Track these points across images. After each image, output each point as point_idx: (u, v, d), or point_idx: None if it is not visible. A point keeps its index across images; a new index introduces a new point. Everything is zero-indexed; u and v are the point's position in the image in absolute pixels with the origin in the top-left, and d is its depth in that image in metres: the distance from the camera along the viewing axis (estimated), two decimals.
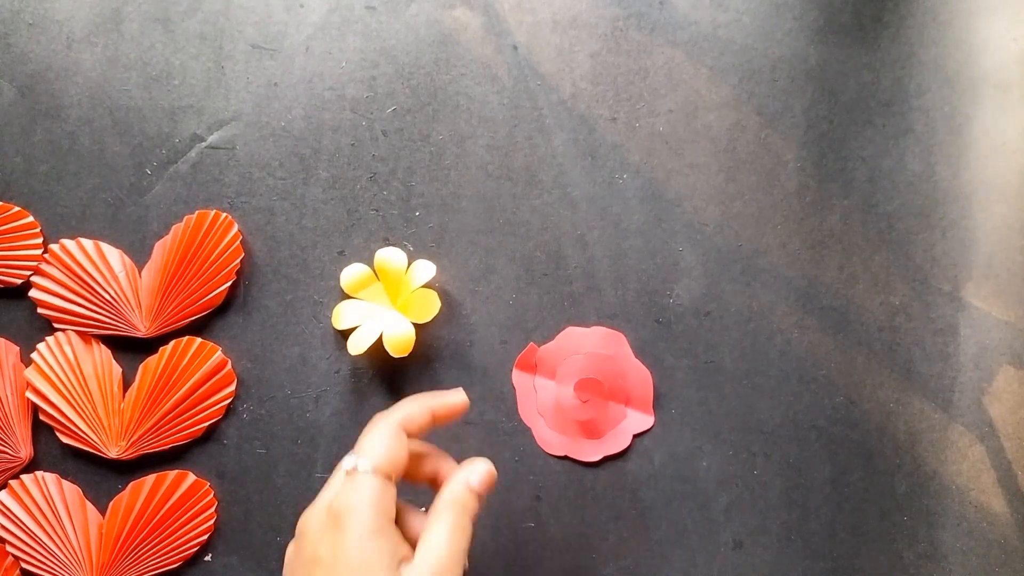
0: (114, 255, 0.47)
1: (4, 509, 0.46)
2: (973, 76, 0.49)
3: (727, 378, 0.48)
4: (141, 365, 0.47)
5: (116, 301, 0.47)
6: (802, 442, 0.47)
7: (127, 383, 0.47)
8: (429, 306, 0.46)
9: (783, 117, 0.49)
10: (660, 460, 0.48)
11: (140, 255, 0.48)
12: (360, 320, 0.47)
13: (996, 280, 0.48)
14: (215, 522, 0.47)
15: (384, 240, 0.48)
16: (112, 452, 0.46)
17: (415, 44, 0.49)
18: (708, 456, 0.47)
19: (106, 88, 0.49)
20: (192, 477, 0.47)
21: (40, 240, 0.48)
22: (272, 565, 0.47)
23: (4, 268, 0.47)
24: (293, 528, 0.35)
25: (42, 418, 0.47)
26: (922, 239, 0.48)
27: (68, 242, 0.47)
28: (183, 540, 0.47)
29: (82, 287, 0.47)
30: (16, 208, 0.48)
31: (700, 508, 0.47)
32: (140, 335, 0.47)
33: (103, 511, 0.46)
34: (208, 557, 0.48)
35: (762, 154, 0.49)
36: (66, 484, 0.47)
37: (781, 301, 0.48)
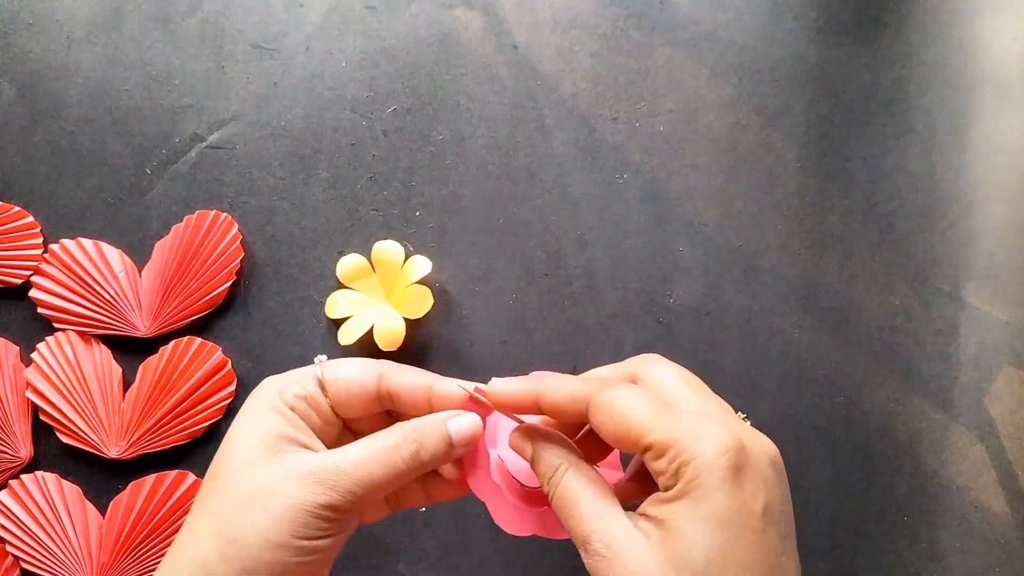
0: (114, 255, 0.47)
1: (4, 509, 0.46)
2: (973, 76, 0.49)
3: (727, 378, 0.48)
4: (141, 365, 0.47)
5: (116, 301, 0.47)
6: (802, 442, 0.47)
7: (127, 383, 0.47)
8: (422, 302, 0.46)
9: (783, 117, 0.49)
10: None
11: (140, 255, 0.48)
12: (352, 310, 0.47)
13: (996, 280, 0.48)
14: None
15: (384, 240, 0.48)
16: (112, 452, 0.46)
17: (415, 44, 0.49)
18: None
19: (106, 88, 0.49)
20: (192, 477, 0.47)
21: (40, 240, 0.48)
22: None
23: (4, 268, 0.47)
24: None
25: (42, 418, 0.47)
26: (922, 239, 0.48)
27: (68, 242, 0.47)
28: None
29: (82, 287, 0.47)
30: (16, 208, 0.48)
31: None
32: (140, 335, 0.47)
33: (103, 511, 0.46)
34: None
35: (762, 154, 0.49)
36: (66, 484, 0.47)
37: (781, 301, 0.48)
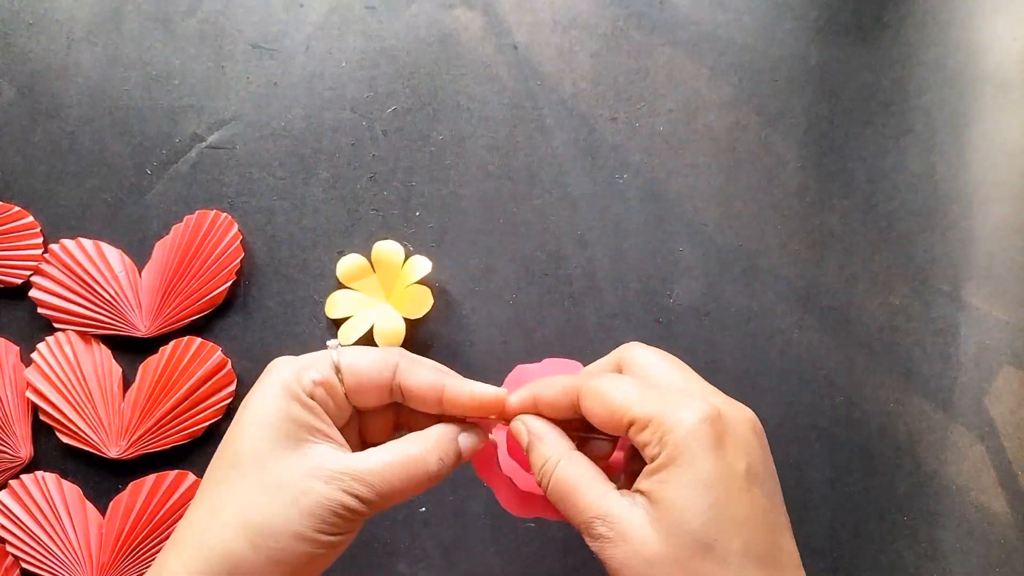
0: (114, 255, 0.47)
1: (4, 509, 0.46)
2: (973, 76, 0.49)
3: (727, 378, 0.47)
4: (141, 365, 0.47)
5: (116, 301, 0.47)
6: (802, 442, 0.47)
7: (127, 383, 0.47)
8: (422, 302, 0.46)
9: (783, 117, 0.49)
10: None
11: (140, 255, 0.48)
12: (352, 311, 0.47)
13: (996, 280, 0.48)
14: None
15: (384, 240, 0.48)
16: (112, 452, 0.46)
17: (415, 44, 0.49)
18: None
19: (106, 88, 0.49)
20: (192, 477, 0.47)
21: (40, 240, 0.48)
22: None
23: (4, 268, 0.47)
24: None
25: (42, 418, 0.47)
26: (922, 239, 0.48)
27: (68, 242, 0.47)
28: None
29: (82, 287, 0.47)
30: (16, 208, 0.48)
31: None
32: (140, 335, 0.47)
33: (103, 511, 0.46)
34: None
35: (762, 154, 0.49)
36: (66, 484, 0.47)
37: (781, 301, 0.48)
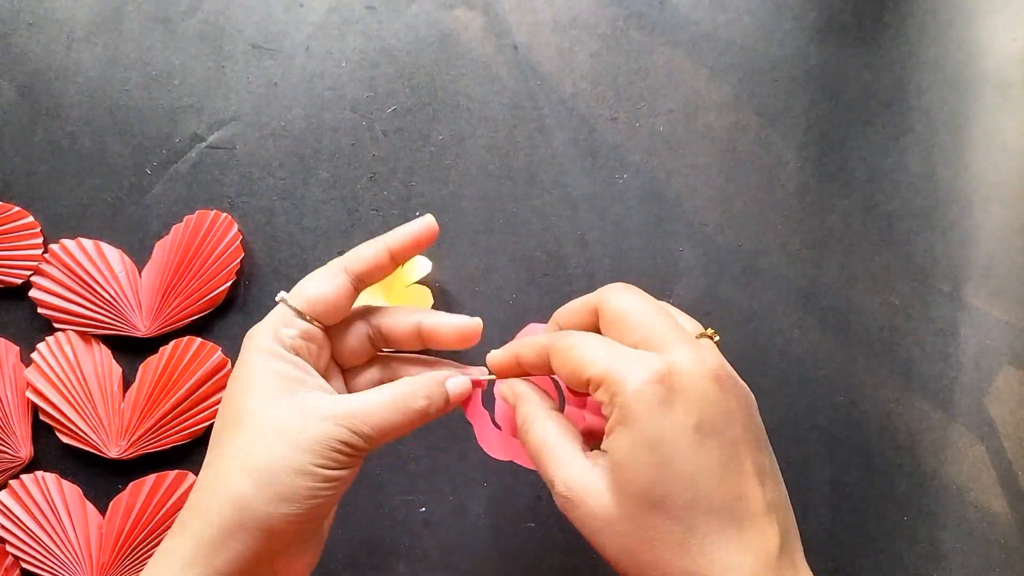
0: (114, 255, 0.47)
1: (4, 509, 0.46)
2: (973, 76, 0.49)
3: None
4: (141, 365, 0.47)
5: (116, 301, 0.47)
6: (802, 442, 0.47)
7: (127, 383, 0.47)
8: (422, 302, 0.46)
9: (783, 117, 0.49)
10: None
11: (140, 255, 0.48)
12: None
13: (996, 280, 0.48)
14: None
15: None
16: (112, 452, 0.46)
17: (415, 44, 0.49)
18: None
19: (106, 88, 0.49)
20: (192, 477, 0.47)
21: (40, 240, 0.48)
22: None
23: (4, 268, 0.47)
24: None
25: (42, 418, 0.47)
26: (922, 239, 0.48)
27: (68, 242, 0.47)
28: None
29: (82, 287, 0.47)
30: (16, 208, 0.48)
31: None
32: (140, 335, 0.47)
33: (103, 511, 0.46)
34: None
35: (762, 154, 0.49)
36: (66, 484, 0.47)
37: (781, 301, 0.48)
